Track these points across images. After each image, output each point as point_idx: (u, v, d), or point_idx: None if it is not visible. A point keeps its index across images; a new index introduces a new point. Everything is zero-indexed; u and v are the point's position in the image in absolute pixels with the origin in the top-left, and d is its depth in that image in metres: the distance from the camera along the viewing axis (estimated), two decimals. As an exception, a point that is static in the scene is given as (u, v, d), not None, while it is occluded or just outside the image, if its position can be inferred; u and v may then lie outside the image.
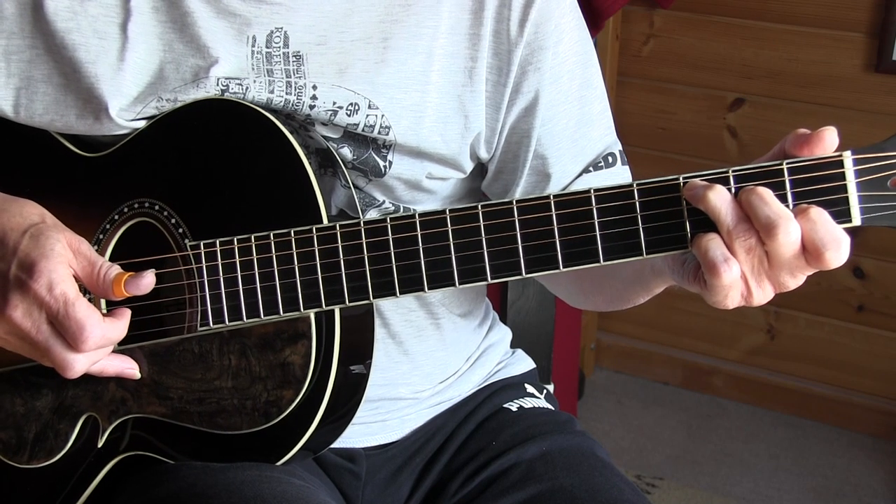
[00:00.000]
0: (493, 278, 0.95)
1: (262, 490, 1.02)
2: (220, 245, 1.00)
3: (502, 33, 1.09)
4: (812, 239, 0.86)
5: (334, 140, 1.08)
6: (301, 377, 1.00)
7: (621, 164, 1.18)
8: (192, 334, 1.02)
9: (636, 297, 1.13)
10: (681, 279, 0.95)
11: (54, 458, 1.09)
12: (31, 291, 0.93)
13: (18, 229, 0.96)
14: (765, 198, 0.86)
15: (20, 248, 0.95)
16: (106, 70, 1.03)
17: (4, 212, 0.98)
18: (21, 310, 0.94)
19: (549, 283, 1.30)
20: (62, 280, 0.94)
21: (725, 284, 0.88)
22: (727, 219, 0.87)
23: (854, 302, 2.61)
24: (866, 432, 2.68)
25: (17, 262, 0.95)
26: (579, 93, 1.14)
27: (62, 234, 0.96)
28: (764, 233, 0.86)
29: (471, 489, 1.17)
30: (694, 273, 0.93)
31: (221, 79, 1.04)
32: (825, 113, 2.48)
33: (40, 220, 0.98)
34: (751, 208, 0.86)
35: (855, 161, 0.86)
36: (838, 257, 0.86)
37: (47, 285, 0.93)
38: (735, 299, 0.90)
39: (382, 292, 0.97)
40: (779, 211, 0.85)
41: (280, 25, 1.05)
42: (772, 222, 0.85)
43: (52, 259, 0.94)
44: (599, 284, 1.18)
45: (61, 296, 0.93)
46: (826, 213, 0.86)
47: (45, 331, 0.95)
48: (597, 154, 1.17)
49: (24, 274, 0.94)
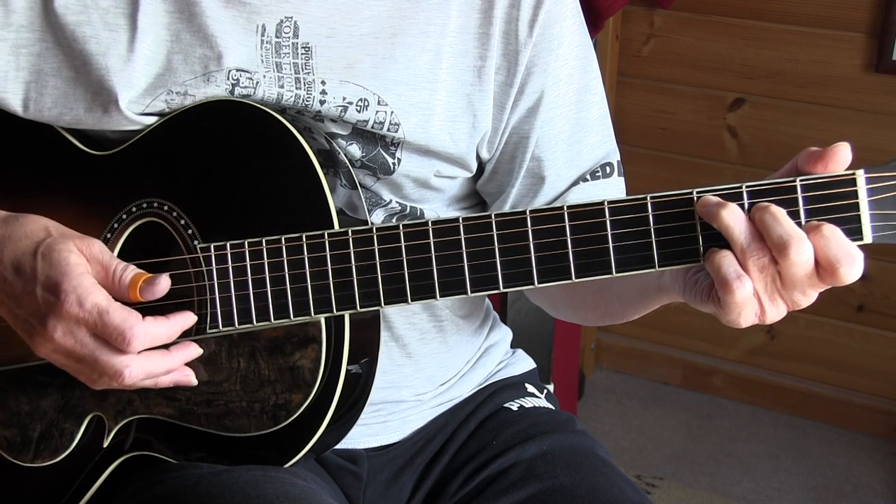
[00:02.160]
0: (505, 287, 0.95)
1: (264, 490, 1.02)
2: (231, 248, 1.00)
3: (511, 34, 1.09)
4: (826, 256, 0.86)
5: (343, 137, 1.08)
6: (310, 381, 1.00)
7: (617, 176, 1.18)
8: (200, 336, 1.02)
9: (632, 313, 1.13)
10: (693, 299, 0.95)
11: (59, 457, 1.09)
12: (64, 311, 0.94)
13: (29, 252, 0.97)
14: (777, 217, 0.87)
15: (38, 271, 0.96)
16: (116, 62, 1.03)
17: (9, 238, 0.98)
18: (60, 330, 0.95)
19: (532, 295, 1.30)
20: (89, 293, 0.94)
21: (738, 301, 0.88)
22: (740, 237, 0.87)
23: (854, 302, 2.62)
24: (866, 432, 2.68)
25: (41, 286, 0.95)
26: (577, 97, 1.15)
27: (71, 243, 0.97)
28: (776, 252, 0.86)
29: (471, 488, 1.17)
30: (707, 292, 0.93)
31: (232, 71, 1.03)
32: (825, 113, 2.48)
33: (45, 234, 0.98)
34: (763, 227, 0.87)
35: (868, 179, 0.87)
36: (853, 273, 0.87)
37: (77, 302, 0.94)
38: (749, 318, 0.90)
39: (394, 299, 0.97)
40: (791, 231, 0.86)
41: (290, 15, 1.04)
42: (784, 242, 0.86)
43: (72, 274, 0.95)
44: (593, 300, 1.18)
45: (93, 308, 0.94)
46: (839, 230, 0.87)
47: (88, 344, 0.95)
48: (594, 162, 1.17)
49: (52, 296, 0.94)
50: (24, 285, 0.96)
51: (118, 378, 0.96)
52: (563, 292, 1.22)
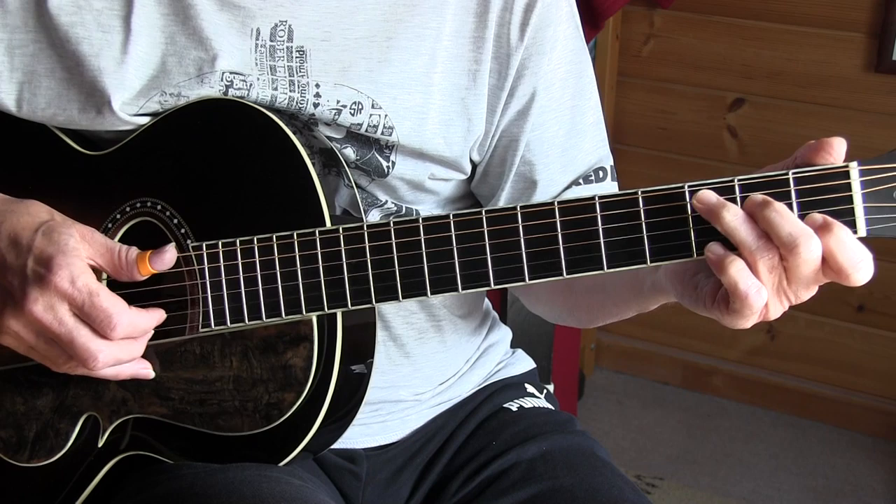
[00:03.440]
0: (497, 284, 0.95)
1: (261, 490, 1.02)
2: (223, 246, 1.00)
3: (503, 37, 1.09)
4: (841, 260, 0.85)
5: (337, 140, 1.08)
6: (303, 380, 1.00)
7: (611, 180, 1.18)
8: (193, 335, 1.02)
9: (629, 312, 1.12)
10: (694, 303, 0.94)
11: (54, 457, 1.09)
12: (52, 285, 0.94)
13: (30, 227, 0.97)
14: (784, 215, 0.85)
15: (35, 244, 0.96)
16: (109, 63, 1.03)
17: (12, 213, 0.98)
18: (42, 303, 0.95)
19: (528, 302, 1.29)
20: (82, 272, 0.95)
21: (756, 311, 0.87)
22: (748, 238, 0.86)
23: (854, 302, 2.62)
24: (866, 432, 2.68)
25: (34, 258, 0.95)
26: (572, 102, 1.14)
27: (73, 229, 0.97)
28: (785, 250, 0.85)
29: (471, 489, 1.17)
30: (711, 297, 0.91)
31: (226, 73, 1.04)
32: (825, 113, 2.48)
33: (49, 217, 0.99)
34: (770, 226, 0.85)
35: (861, 172, 0.86)
36: (867, 276, 0.86)
37: (69, 278, 0.94)
38: (755, 320, 0.89)
39: (385, 296, 0.97)
40: (799, 229, 0.85)
41: (284, 19, 1.05)
42: (794, 240, 0.84)
43: (69, 253, 0.95)
44: (589, 301, 1.17)
45: (84, 287, 0.94)
46: (849, 231, 0.85)
47: (67, 322, 0.95)
48: (587, 167, 1.17)
49: (43, 269, 0.94)
50: (15, 256, 0.96)
51: (89, 362, 0.96)
52: (560, 296, 1.21)
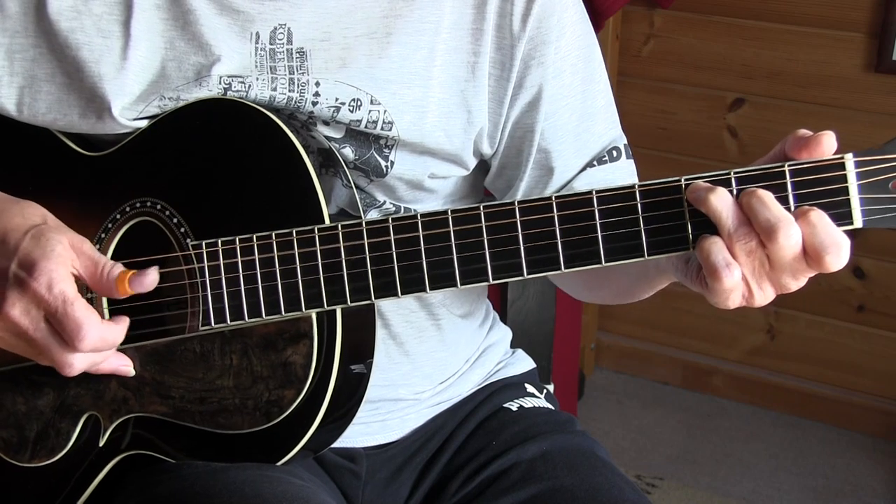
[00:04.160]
0: (495, 279, 0.95)
1: (262, 489, 1.02)
2: (222, 245, 1.00)
3: (505, 28, 1.09)
4: (812, 243, 0.86)
5: (337, 140, 1.08)
6: (302, 377, 1.00)
7: (626, 158, 1.18)
8: (193, 334, 1.02)
9: (641, 292, 1.13)
10: (684, 278, 0.96)
11: (56, 456, 1.09)
12: (31, 290, 0.94)
13: (20, 229, 0.97)
14: (765, 201, 0.86)
15: (21, 247, 0.95)
16: (109, 69, 1.04)
17: (5, 212, 0.98)
18: (19, 308, 0.95)
19: (553, 278, 1.30)
20: (62, 279, 0.94)
21: (726, 288, 0.88)
22: (728, 221, 0.87)
23: (854, 302, 2.61)
24: (866, 432, 2.68)
25: (18, 261, 0.95)
26: (582, 87, 1.14)
27: (64, 236, 0.97)
28: (764, 236, 0.86)
29: (471, 489, 1.17)
30: (697, 273, 0.93)
31: (224, 77, 1.04)
32: (825, 113, 2.48)
33: (42, 221, 0.99)
34: (751, 211, 0.86)
35: (856, 163, 0.86)
36: (838, 261, 0.86)
37: (47, 284, 0.94)
38: (736, 300, 0.90)
39: (384, 293, 0.97)
40: (779, 214, 0.86)
41: (283, 22, 1.05)
42: (772, 225, 0.85)
43: (53, 259, 0.94)
44: (606, 279, 1.18)
45: (60, 294, 0.94)
46: (826, 217, 0.86)
47: (42, 329, 0.95)
48: (601, 148, 1.17)
49: (24, 272, 0.94)
50: (1, 257, 0.96)
51: (64, 370, 0.97)
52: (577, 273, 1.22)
